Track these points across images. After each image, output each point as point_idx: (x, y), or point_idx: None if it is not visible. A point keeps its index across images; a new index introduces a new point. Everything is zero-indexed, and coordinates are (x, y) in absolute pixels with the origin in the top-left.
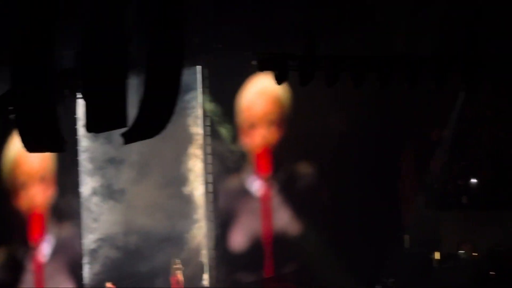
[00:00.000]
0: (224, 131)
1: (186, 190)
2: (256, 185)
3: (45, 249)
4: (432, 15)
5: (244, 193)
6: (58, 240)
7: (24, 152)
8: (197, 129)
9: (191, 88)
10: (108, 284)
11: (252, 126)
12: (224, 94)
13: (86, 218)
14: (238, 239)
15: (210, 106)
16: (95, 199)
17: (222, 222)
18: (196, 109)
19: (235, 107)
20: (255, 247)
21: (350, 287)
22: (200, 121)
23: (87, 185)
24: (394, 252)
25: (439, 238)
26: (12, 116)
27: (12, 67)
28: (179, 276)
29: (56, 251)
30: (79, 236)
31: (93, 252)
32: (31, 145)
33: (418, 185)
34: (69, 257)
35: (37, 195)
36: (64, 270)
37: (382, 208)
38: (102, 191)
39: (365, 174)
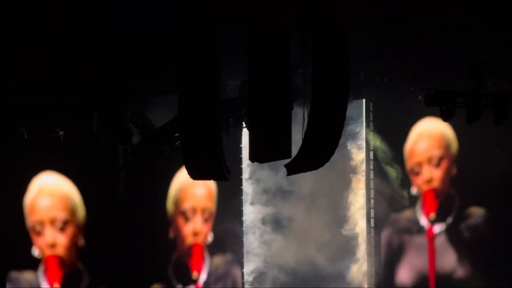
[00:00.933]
0: (389, 169)
1: (349, 224)
2: (421, 225)
3: (205, 279)
4: None
5: (408, 231)
6: (218, 270)
7: (189, 183)
8: (360, 163)
9: (355, 121)
10: None
11: (418, 165)
12: (389, 130)
13: (249, 247)
14: (401, 278)
15: (374, 141)
16: (259, 229)
17: (385, 259)
18: (359, 142)
19: (400, 145)
20: (419, 287)
21: None
22: (363, 155)
23: (251, 214)
24: None
25: None
26: (177, 143)
27: (179, 95)
28: None
29: (216, 281)
30: (240, 266)
31: (253, 283)
32: (196, 173)
33: None
34: (237, 283)
35: (200, 226)
36: None
37: None
38: (265, 221)
39: None
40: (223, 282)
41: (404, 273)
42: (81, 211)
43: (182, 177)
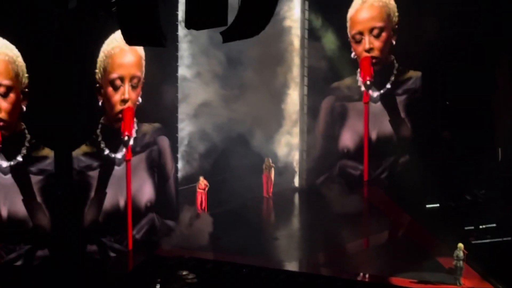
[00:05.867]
0: (326, 37)
1: (284, 95)
2: (359, 90)
3: (138, 141)
4: None
5: (349, 98)
6: (153, 133)
7: (117, 51)
8: (296, 36)
9: None
10: (201, 178)
11: (360, 34)
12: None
13: (183, 111)
14: (344, 142)
15: (311, 13)
16: (193, 93)
17: (326, 126)
18: (294, 14)
19: (340, 14)
20: (355, 150)
21: (439, 196)
22: (299, 27)
23: (185, 79)
24: (487, 164)
25: None
26: (114, 9)
27: None
28: (270, 174)
29: (151, 144)
30: (175, 130)
31: (189, 146)
32: (132, 38)
33: None
34: (164, 150)
35: (129, 94)
36: (158, 163)
37: (475, 121)
38: (199, 85)
39: (460, 85)
40: (159, 145)
41: (346, 137)
42: (23, 76)
43: (111, 44)
